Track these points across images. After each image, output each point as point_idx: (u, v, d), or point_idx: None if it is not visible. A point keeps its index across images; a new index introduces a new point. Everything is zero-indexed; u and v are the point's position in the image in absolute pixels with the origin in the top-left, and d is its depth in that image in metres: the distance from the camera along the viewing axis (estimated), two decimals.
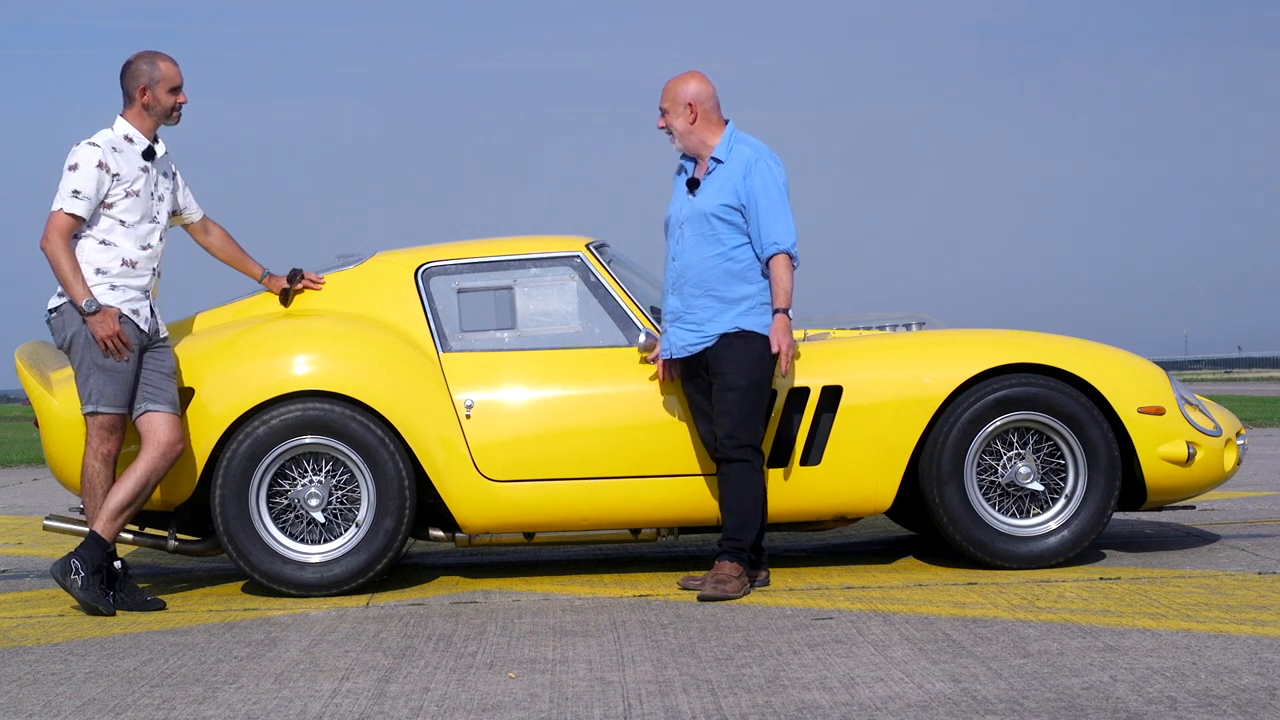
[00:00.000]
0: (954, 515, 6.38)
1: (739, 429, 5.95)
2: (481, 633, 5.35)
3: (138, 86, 6.15)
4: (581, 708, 4.13)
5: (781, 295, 5.97)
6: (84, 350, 6.00)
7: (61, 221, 6.02)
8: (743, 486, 5.99)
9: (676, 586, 6.22)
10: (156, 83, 6.16)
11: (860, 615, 5.44)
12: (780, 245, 5.97)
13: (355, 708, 4.23)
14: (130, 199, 6.09)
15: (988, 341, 6.58)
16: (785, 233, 5.99)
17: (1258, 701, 3.94)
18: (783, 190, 6.04)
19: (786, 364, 6.00)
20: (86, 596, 5.90)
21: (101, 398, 5.99)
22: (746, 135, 6.16)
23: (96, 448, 6.02)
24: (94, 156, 6.05)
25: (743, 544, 5.98)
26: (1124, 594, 5.72)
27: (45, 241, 6.03)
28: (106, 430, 6.01)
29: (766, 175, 6.03)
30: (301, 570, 6.30)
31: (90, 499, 6.03)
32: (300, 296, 6.71)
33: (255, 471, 6.28)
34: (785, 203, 6.03)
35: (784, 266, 5.98)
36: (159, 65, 6.17)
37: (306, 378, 6.32)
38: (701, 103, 6.10)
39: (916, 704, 4.04)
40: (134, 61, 6.19)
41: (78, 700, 4.44)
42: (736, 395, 5.95)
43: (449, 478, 6.34)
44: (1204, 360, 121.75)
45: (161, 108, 6.17)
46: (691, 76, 6.15)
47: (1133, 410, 6.44)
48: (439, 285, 6.66)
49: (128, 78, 6.18)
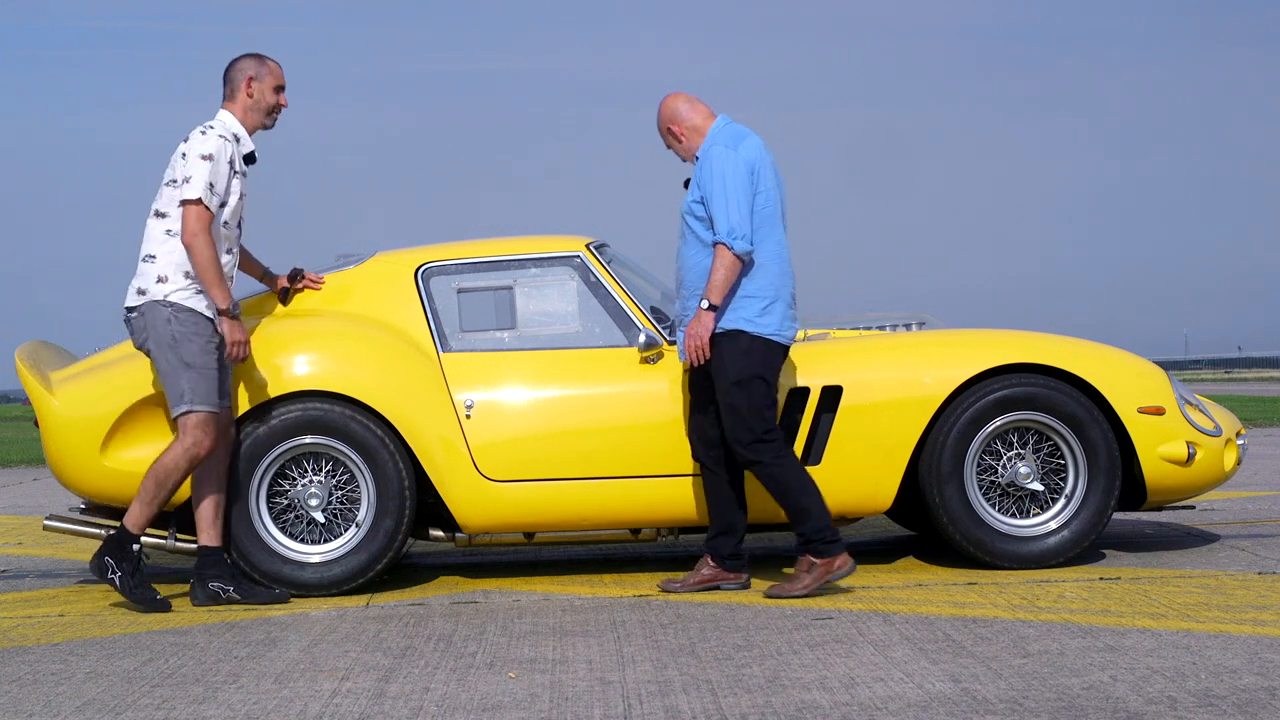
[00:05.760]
0: (954, 515, 6.38)
1: (736, 428, 5.91)
2: (481, 633, 5.35)
3: (245, 78, 6.15)
4: (581, 708, 4.13)
5: (708, 288, 5.82)
6: (173, 350, 5.95)
7: (205, 216, 5.93)
8: (772, 485, 5.91)
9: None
10: (264, 77, 6.17)
11: (860, 615, 5.44)
12: (716, 236, 5.83)
13: (355, 708, 4.23)
14: (238, 201, 6.10)
15: (988, 341, 6.58)
16: (721, 222, 5.81)
17: (1258, 701, 3.94)
18: (725, 178, 5.84)
19: (693, 359, 5.86)
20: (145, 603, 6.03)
21: (195, 396, 5.94)
22: (727, 128, 6.02)
23: (189, 446, 5.93)
24: (227, 151, 6.02)
25: (807, 535, 5.87)
26: (1124, 594, 5.72)
27: (192, 236, 5.91)
28: (202, 430, 5.95)
29: (709, 164, 5.89)
30: (301, 570, 6.31)
31: (156, 491, 5.94)
32: (300, 296, 6.71)
33: (255, 471, 6.28)
34: (727, 190, 5.82)
35: (717, 258, 5.81)
36: (267, 64, 6.21)
37: (306, 378, 6.32)
38: (679, 120, 6.07)
39: (916, 704, 4.04)
40: (242, 58, 6.22)
41: (78, 700, 4.44)
42: (728, 396, 5.90)
43: (449, 478, 6.34)
44: (1204, 360, 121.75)
45: (265, 104, 6.17)
46: (663, 103, 6.12)
47: (1133, 410, 6.44)
48: (439, 285, 6.66)
49: (235, 71, 6.18)
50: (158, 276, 6.01)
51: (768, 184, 5.95)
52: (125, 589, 5.98)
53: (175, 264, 6.00)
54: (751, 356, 5.87)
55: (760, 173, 5.93)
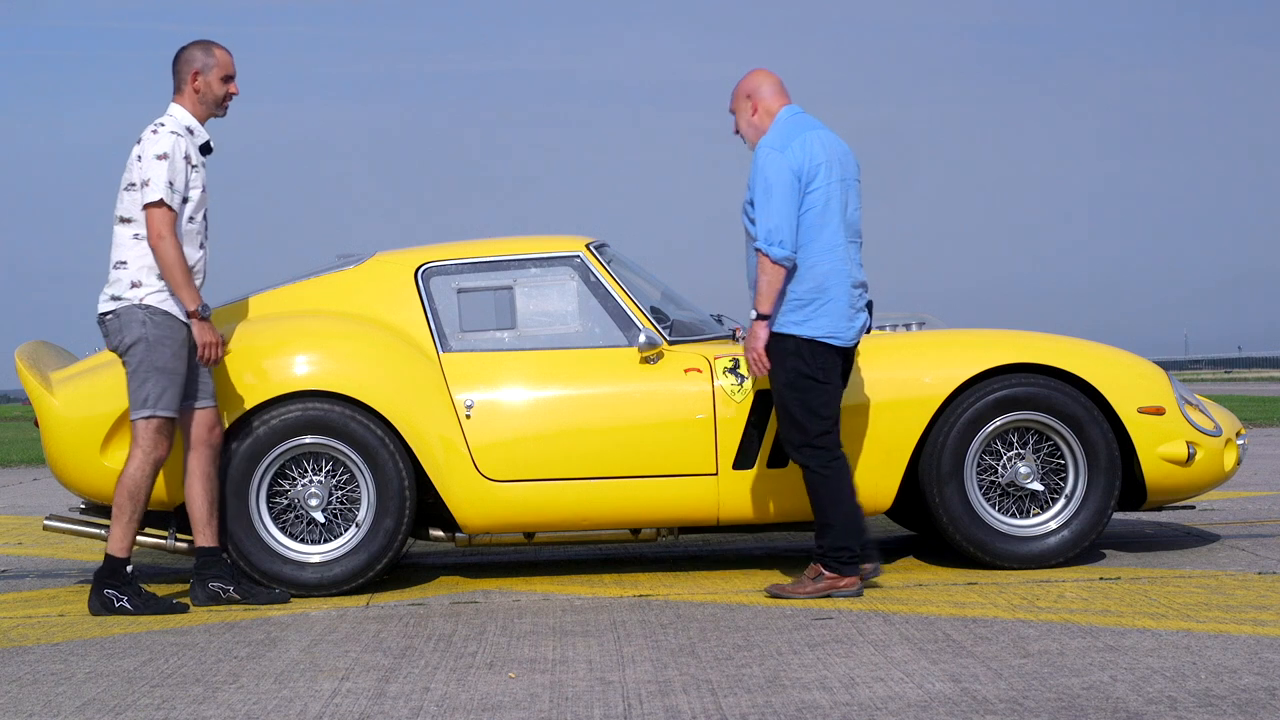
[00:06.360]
0: (954, 515, 6.38)
1: (788, 430, 5.87)
2: (481, 633, 5.35)
3: (191, 70, 6.09)
4: (581, 708, 4.12)
5: (755, 298, 5.79)
6: (145, 354, 5.93)
7: (168, 217, 5.88)
8: (810, 489, 5.87)
9: (676, 586, 6.21)
10: (210, 68, 6.10)
11: (860, 615, 5.44)
12: (755, 242, 5.78)
13: (355, 708, 4.22)
14: (200, 194, 6.05)
15: (988, 341, 6.58)
16: (760, 227, 5.75)
17: (1258, 701, 3.94)
18: (768, 181, 5.75)
19: (755, 371, 5.85)
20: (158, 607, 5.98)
21: (159, 401, 5.92)
22: (789, 120, 5.90)
23: (149, 452, 5.93)
24: (181, 147, 5.97)
25: (824, 548, 5.84)
26: (1124, 594, 5.72)
27: (158, 239, 5.88)
28: (162, 434, 5.95)
29: (756, 165, 5.83)
30: (301, 570, 6.31)
31: (132, 507, 5.93)
32: (300, 296, 6.71)
33: (255, 471, 6.28)
34: (770, 195, 5.74)
35: (759, 265, 5.76)
36: (214, 52, 6.13)
37: (306, 378, 6.32)
38: (760, 92, 5.96)
39: (916, 704, 4.04)
40: (188, 48, 6.14)
41: (78, 700, 4.44)
42: (779, 398, 5.88)
43: (449, 478, 6.34)
44: (1204, 360, 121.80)
45: (213, 95, 6.11)
46: (752, 72, 6.03)
47: (1133, 410, 6.44)
48: (439, 285, 6.66)
49: (181, 63, 6.12)
50: (131, 282, 5.98)
51: (820, 182, 5.80)
52: (139, 611, 5.94)
53: (148, 267, 5.98)
54: (801, 358, 5.80)
55: (811, 171, 5.79)
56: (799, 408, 5.83)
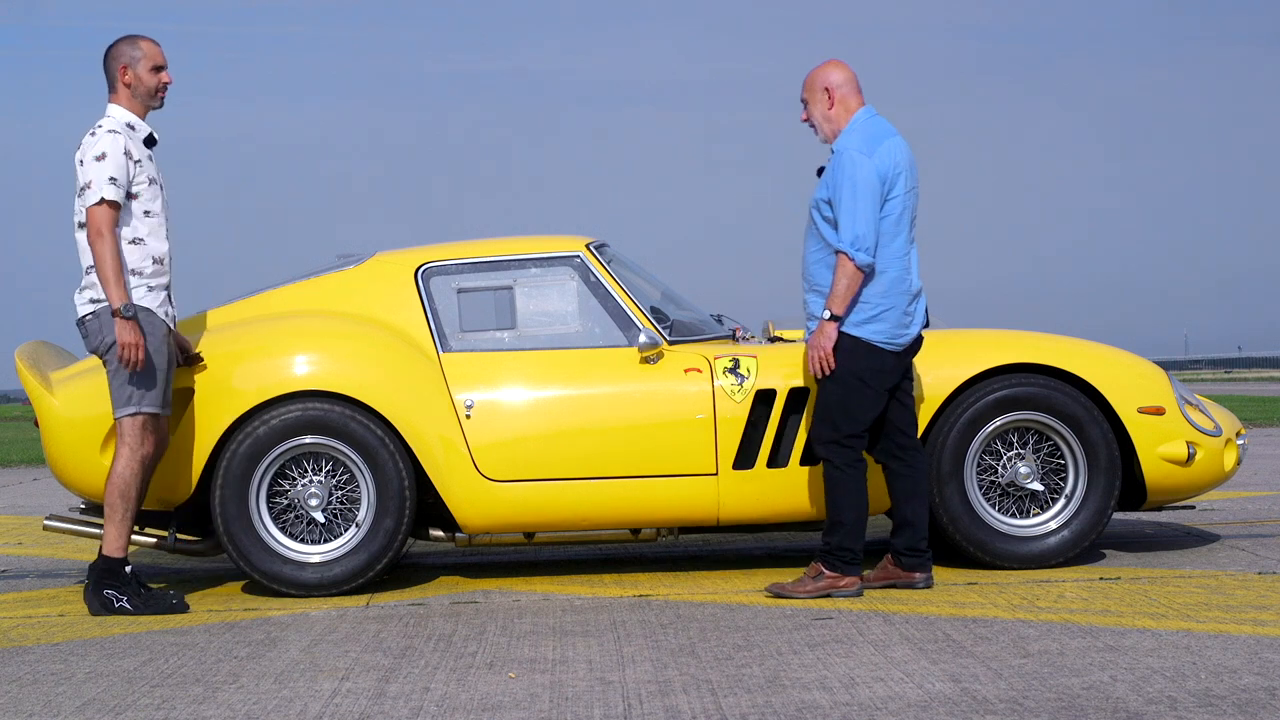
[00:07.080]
0: (954, 515, 6.38)
1: (819, 425, 5.89)
2: (481, 633, 5.35)
3: (119, 67, 6.05)
4: (581, 708, 4.12)
5: (830, 298, 5.78)
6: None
7: (108, 214, 5.86)
8: (827, 486, 5.89)
9: (676, 586, 6.21)
10: (137, 61, 6.05)
11: (860, 615, 5.44)
12: (839, 244, 5.76)
13: (355, 708, 4.23)
14: (152, 186, 6.02)
15: (988, 341, 6.58)
16: (846, 230, 5.73)
17: (1258, 701, 3.94)
18: (856, 185, 5.74)
19: (816, 371, 5.84)
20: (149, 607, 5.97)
21: (144, 399, 5.92)
22: (869, 122, 5.91)
23: (135, 449, 5.92)
24: (120, 143, 5.94)
25: (830, 546, 5.86)
26: (1124, 594, 5.72)
27: (97, 236, 5.85)
28: (148, 431, 5.94)
29: (842, 166, 5.80)
30: (301, 570, 6.30)
31: (124, 506, 5.92)
32: (300, 296, 6.72)
33: (255, 471, 6.28)
34: (857, 198, 5.73)
35: (839, 267, 5.76)
36: (139, 45, 6.08)
37: (306, 378, 6.32)
38: (838, 87, 5.95)
39: (916, 704, 4.04)
40: (114, 45, 6.10)
41: (78, 700, 4.44)
42: (822, 393, 5.89)
43: (449, 478, 6.34)
44: (1204, 360, 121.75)
45: (145, 87, 6.06)
46: (830, 64, 6.01)
47: (1133, 410, 6.44)
48: (439, 285, 6.66)
49: (109, 61, 6.09)
50: None
51: (900, 189, 5.83)
52: (139, 611, 5.93)
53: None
54: (855, 357, 5.80)
55: (893, 178, 5.82)
56: (838, 406, 5.84)
